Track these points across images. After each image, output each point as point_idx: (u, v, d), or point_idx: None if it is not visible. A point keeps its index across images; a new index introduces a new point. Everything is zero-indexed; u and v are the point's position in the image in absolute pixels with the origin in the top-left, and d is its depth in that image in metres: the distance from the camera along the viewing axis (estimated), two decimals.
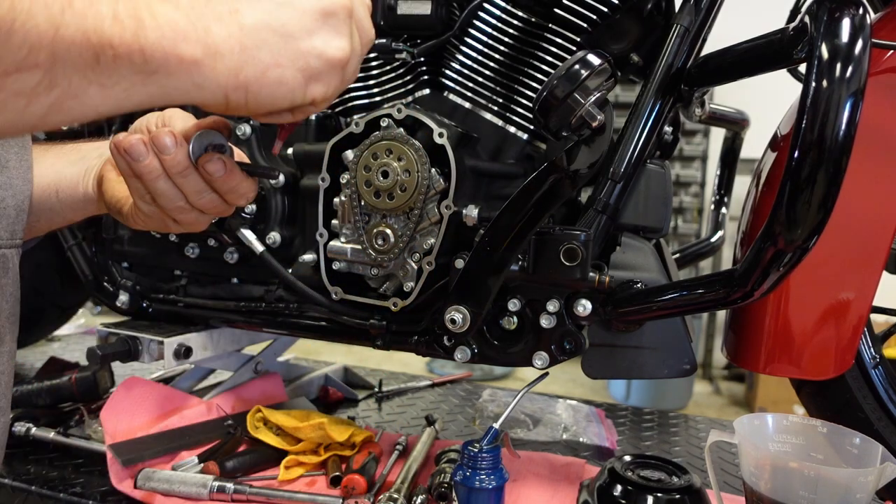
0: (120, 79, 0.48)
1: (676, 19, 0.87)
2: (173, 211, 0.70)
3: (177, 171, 0.67)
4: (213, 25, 0.51)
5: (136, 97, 0.50)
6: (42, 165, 0.81)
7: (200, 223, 0.74)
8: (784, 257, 0.67)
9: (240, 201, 0.72)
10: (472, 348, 0.91)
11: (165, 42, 0.48)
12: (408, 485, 0.89)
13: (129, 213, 0.75)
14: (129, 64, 0.47)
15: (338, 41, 0.57)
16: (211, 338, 1.12)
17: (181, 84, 0.51)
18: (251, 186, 0.72)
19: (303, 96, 0.57)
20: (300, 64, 0.55)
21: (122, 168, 0.68)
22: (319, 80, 0.57)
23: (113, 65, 0.47)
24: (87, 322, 1.97)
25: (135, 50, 0.47)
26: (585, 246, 0.80)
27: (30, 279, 1.38)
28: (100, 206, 0.81)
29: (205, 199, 0.70)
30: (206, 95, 0.53)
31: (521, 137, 0.96)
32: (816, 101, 0.62)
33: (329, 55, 0.56)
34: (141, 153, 0.65)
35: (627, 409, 1.40)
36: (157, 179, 0.67)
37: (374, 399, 1.38)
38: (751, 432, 0.77)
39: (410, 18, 0.94)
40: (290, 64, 0.54)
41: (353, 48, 0.59)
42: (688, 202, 4.98)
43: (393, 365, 4.34)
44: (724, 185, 1.35)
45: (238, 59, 0.52)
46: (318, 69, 0.56)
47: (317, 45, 0.55)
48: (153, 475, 0.88)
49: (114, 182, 0.76)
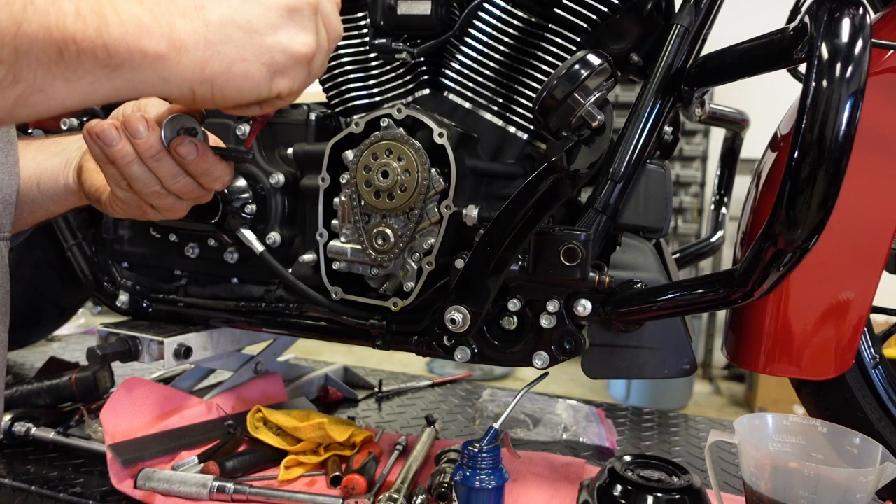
0: (85, 73, 0.49)
1: (676, 19, 0.87)
2: (149, 196, 0.71)
3: (149, 156, 0.68)
4: (177, 21, 0.52)
5: (103, 91, 0.51)
6: (24, 158, 0.82)
7: (178, 209, 0.75)
8: (784, 257, 0.67)
9: (215, 185, 0.73)
10: (472, 348, 0.91)
11: (129, 37, 0.49)
12: (408, 485, 0.89)
13: (107, 201, 0.76)
14: (93, 59, 0.48)
15: (303, 36, 0.58)
16: (211, 338, 1.12)
17: (147, 78, 0.52)
18: (226, 170, 0.73)
19: (269, 90, 0.58)
20: (265, 59, 0.56)
21: (97, 154, 0.68)
22: (285, 74, 0.58)
23: (77, 60, 0.48)
24: (87, 322, 1.97)
25: (98, 45, 0.48)
26: (585, 246, 0.80)
27: (30, 279, 1.39)
28: (80, 196, 0.82)
29: (180, 184, 0.70)
30: (173, 89, 0.54)
31: (521, 137, 0.96)
32: (816, 101, 0.62)
33: (294, 50, 0.57)
34: (113, 138, 0.66)
35: (627, 409, 1.40)
36: (131, 164, 0.68)
37: (374, 399, 1.38)
38: (751, 432, 0.77)
39: (410, 18, 0.94)
40: (256, 59, 0.56)
41: (318, 43, 0.60)
42: (688, 202, 4.98)
43: (393, 365, 4.34)
44: (724, 185, 1.35)
45: (203, 54, 0.53)
46: (283, 64, 0.57)
47: (282, 41, 0.57)
48: (153, 475, 0.88)
49: (92, 171, 0.77)
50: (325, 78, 1.06)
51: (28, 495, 0.92)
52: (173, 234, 1.11)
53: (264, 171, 1.03)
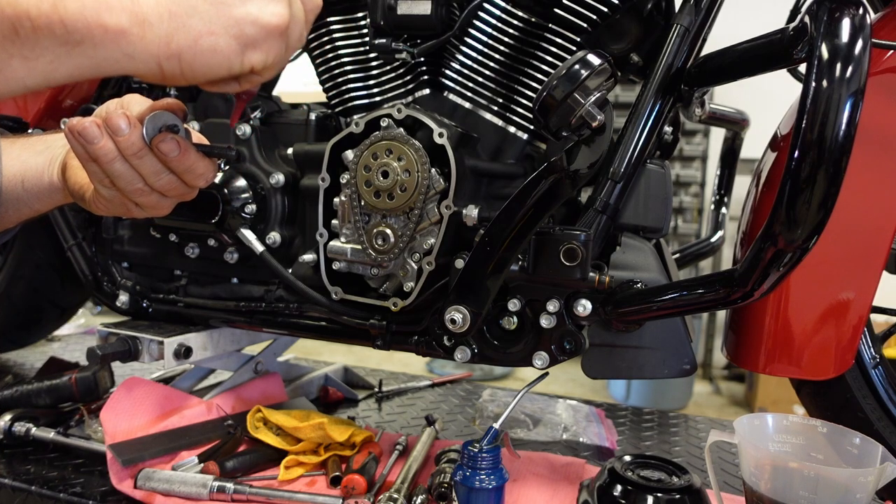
0: (43, 51, 0.48)
1: (676, 19, 0.87)
2: (133, 193, 0.70)
3: (132, 153, 0.67)
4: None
5: (64, 69, 0.49)
6: (9, 156, 0.82)
7: (162, 206, 0.74)
8: (784, 257, 0.67)
9: (198, 182, 0.72)
10: (472, 348, 0.91)
11: (87, 12, 0.48)
12: (408, 485, 0.89)
13: (91, 198, 0.75)
14: (50, 35, 0.47)
15: (274, 7, 0.56)
16: (211, 338, 1.12)
17: (110, 54, 0.50)
18: (209, 166, 0.72)
19: (240, 64, 0.56)
20: (234, 31, 0.54)
21: (79, 152, 0.68)
22: (257, 47, 0.56)
23: (33, 37, 0.47)
24: (87, 322, 1.97)
25: (54, 21, 0.47)
26: (585, 246, 0.80)
27: (30, 279, 1.39)
28: (65, 194, 0.81)
29: (163, 181, 0.70)
30: (139, 65, 0.52)
31: (521, 137, 0.96)
32: (816, 101, 0.62)
33: (265, 21, 0.55)
34: (94, 135, 0.66)
35: (627, 409, 1.39)
36: (113, 162, 0.67)
37: (374, 399, 1.38)
38: (751, 432, 0.77)
39: (410, 18, 0.94)
40: (224, 31, 0.54)
41: (292, 14, 0.58)
42: (688, 202, 4.98)
43: (393, 365, 4.34)
44: (724, 185, 1.35)
45: (168, 28, 0.52)
46: (254, 36, 0.55)
47: (251, 12, 0.55)
48: (153, 475, 0.88)
49: (76, 169, 0.77)
50: (324, 78, 1.06)
51: (28, 495, 0.92)
52: (173, 234, 1.11)
53: (264, 171, 1.03)
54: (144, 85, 1.16)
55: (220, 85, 0.59)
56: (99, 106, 1.11)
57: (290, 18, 0.57)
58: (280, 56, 0.59)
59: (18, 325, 1.48)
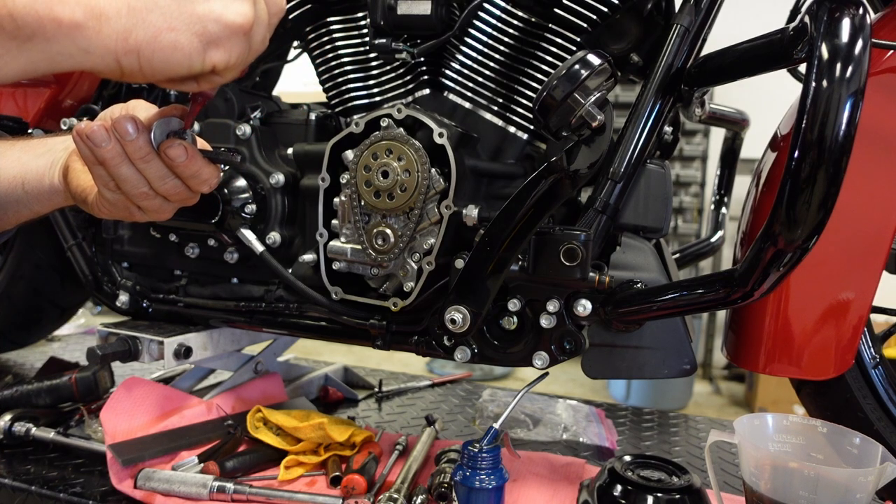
0: None
1: (676, 19, 0.87)
2: (137, 197, 0.71)
3: (139, 157, 0.67)
4: None
5: (16, 64, 0.48)
6: (9, 159, 0.82)
7: (165, 210, 0.74)
8: (784, 257, 0.67)
9: (202, 187, 0.73)
10: (472, 348, 0.91)
11: (38, 5, 0.47)
12: (408, 485, 0.89)
13: (93, 202, 0.75)
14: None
15: (238, 6, 0.55)
16: (211, 338, 1.12)
17: (65, 49, 0.49)
18: (213, 172, 0.72)
19: (202, 63, 0.55)
20: (196, 28, 0.53)
21: (85, 155, 0.68)
22: (219, 45, 0.55)
23: None
24: (87, 322, 1.97)
25: (3, 14, 0.46)
26: (585, 246, 0.80)
27: (30, 279, 1.39)
28: (66, 197, 0.81)
29: (168, 185, 0.70)
30: (96, 61, 0.51)
31: (521, 137, 0.96)
32: (816, 101, 0.62)
33: (228, 20, 0.54)
34: (103, 139, 0.66)
35: (627, 409, 1.39)
36: (120, 165, 0.67)
37: (374, 399, 1.38)
38: (751, 432, 0.77)
39: (410, 18, 0.94)
40: (186, 28, 0.53)
41: (257, 14, 0.57)
42: (688, 202, 4.98)
43: (393, 365, 4.34)
44: (724, 185, 1.35)
45: (126, 22, 0.50)
46: (216, 34, 0.54)
47: (215, 9, 0.54)
48: (153, 475, 0.88)
49: (79, 171, 0.77)
50: (324, 78, 1.06)
51: (28, 495, 0.92)
52: (173, 234, 1.11)
53: (264, 171, 1.03)
54: (144, 86, 1.16)
55: (179, 84, 0.59)
56: (99, 106, 1.12)
57: (255, 19, 0.56)
58: (242, 57, 0.58)
59: (18, 325, 1.48)
